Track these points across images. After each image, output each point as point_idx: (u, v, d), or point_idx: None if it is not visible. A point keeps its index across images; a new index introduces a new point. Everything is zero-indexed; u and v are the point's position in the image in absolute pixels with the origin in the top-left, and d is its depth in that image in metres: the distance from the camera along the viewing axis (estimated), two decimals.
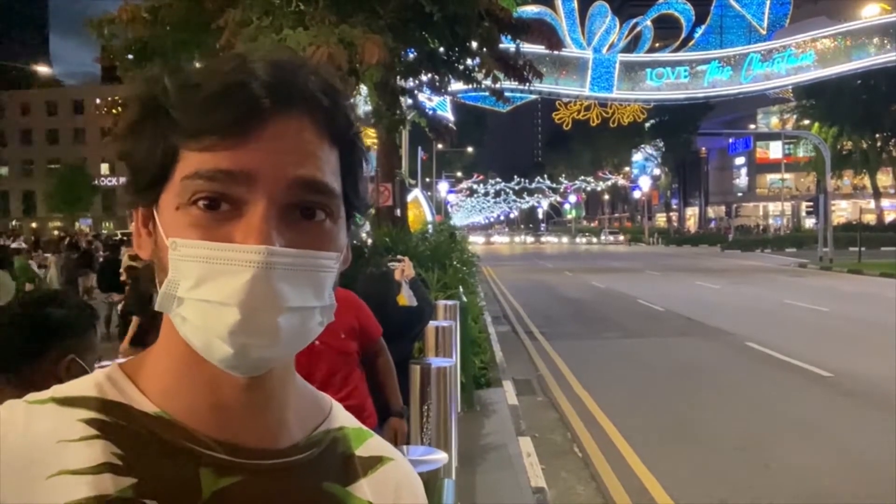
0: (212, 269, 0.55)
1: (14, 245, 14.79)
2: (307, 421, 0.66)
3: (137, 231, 0.62)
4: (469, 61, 9.71)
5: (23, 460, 0.54)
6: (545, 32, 10.74)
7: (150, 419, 0.59)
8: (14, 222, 64.53)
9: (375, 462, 0.68)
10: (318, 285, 0.58)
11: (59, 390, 0.60)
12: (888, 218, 49.16)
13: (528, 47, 11.81)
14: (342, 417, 0.70)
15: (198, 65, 0.61)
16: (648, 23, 32.95)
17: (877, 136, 44.42)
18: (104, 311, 9.44)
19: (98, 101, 67.45)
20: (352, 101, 0.63)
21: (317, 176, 0.58)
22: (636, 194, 76.64)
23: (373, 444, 0.70)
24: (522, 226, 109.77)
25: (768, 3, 30.04)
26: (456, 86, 11.44)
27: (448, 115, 22.25)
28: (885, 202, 50.44)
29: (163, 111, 0.57)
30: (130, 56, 10.37)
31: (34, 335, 1.45)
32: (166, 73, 0.58)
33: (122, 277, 9.29)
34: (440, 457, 1.83)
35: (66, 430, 0.56)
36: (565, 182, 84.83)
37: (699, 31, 31.57)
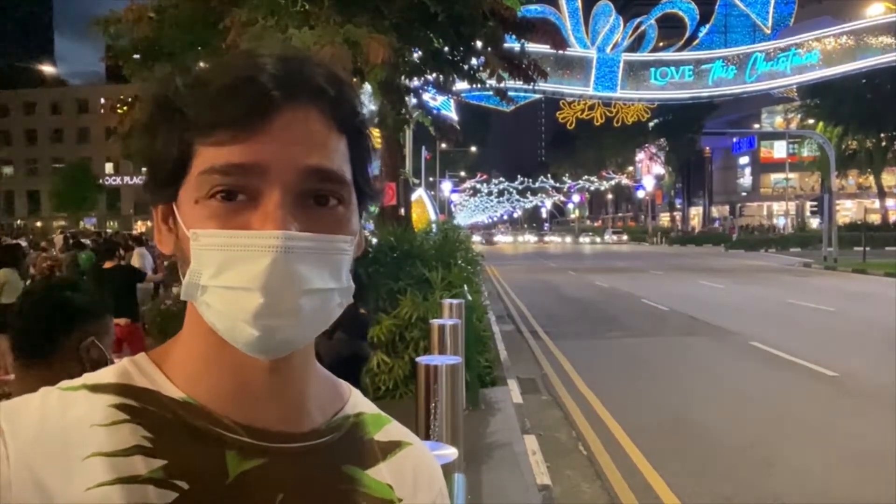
0: (232, 257, 0.57)
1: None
2: (327, 406, 0.68)
3: (158, 227, 0.64)
4: (473, 61, 9.71)
5: (60, 443, 0.57)
6: (549, 32, 10.74)
7: (177, 404, 0.61)
8: (19, 221, 64.73)
9: (394, 447, 0.70)
10: (335, 268, 0.60)
11: (90, 377, 0.62)
12: (893, 218, 49.00)
13: (532, 47, 11.81)
14: (361, 404, 0.72)
15: (202, 65, 0.63)
16: (652, 22, 32.91)
17: (882, 135, 44.30)
18: None
19: (103, 100, 67.57)
20: (357, 90, 0.65)
21: (326, 164, 0.60)
22: (640, 194, 76.56)
23: (391, 429, 0.72)
24: (526, 225, 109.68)
25: (773, 2, 29.94)
26: (460, 85, 11.43)
27: (452, 114, 22.25)
28: (889, 202, 50.30)
29: (176, 109, 0.59)
30: (136, 56, 10.39)
31: (59, 318, 1.51)
32: (177, 74, 0.61)
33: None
34: (450, 451, 1.84)
35: (98, 415, 0.59)
36: (569, 181, 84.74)
37: (703, 31, 31.50)
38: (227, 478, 0.59)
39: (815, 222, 45.80)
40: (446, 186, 49.81)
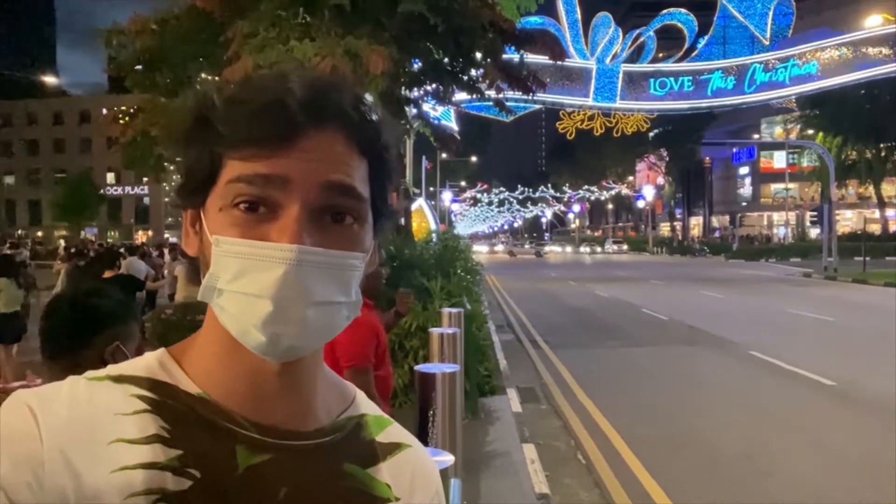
0: (249, 265, 0.61)
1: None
2: (332, 407, 0.72)
3: (185, 231, 0.69)
4: (473, 72, 9.78)
5: (88, 428, 0.61)
6: (549, 43, 10.80)
7: (194, 399, 0.65)
8: (20, 231, 64.80)
9: (394, 448, 0.74)
10: (345, 283, 0.64)
11: (113, 369, 0.66)
12: (893, 228, 49.02)
13: (532, 58, 11.89)
14: (364, 405, 0.76)
15: (204, 76, 0.67)
16: (651, 33, 33.03)
17: (881, 145, 44.38)
18: None
19: (105, 111, 67.78)
20: (382, 114, 0.68)
21: (346, 180, 0.64)
22: (640, 204, 76.64)
23: (392, 431, 0.76)
24: (526, 235, 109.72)
25: (771, 13, 30.10)
26: (460, 96, 11.50)
27: (452, 124, 22.34)
28: (889, 212, 50.32)
29: (210, 124, 0.64)
30: (138, 67, 10.47)
31: (85, 323, 1.57)
32: (214, 90, 0.65)
33: None
34: (447, 458, 1.88)
35: (122, 405, 0.63)
36: (569, 191, 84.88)
37: (702, 42, 31.62)
38: (236, 470, 0.63)
39: (815, 232, 45.89)
40: (446, 196, 49.90)
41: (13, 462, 0.57)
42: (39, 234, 65.69)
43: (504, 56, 10.00)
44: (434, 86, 10.10)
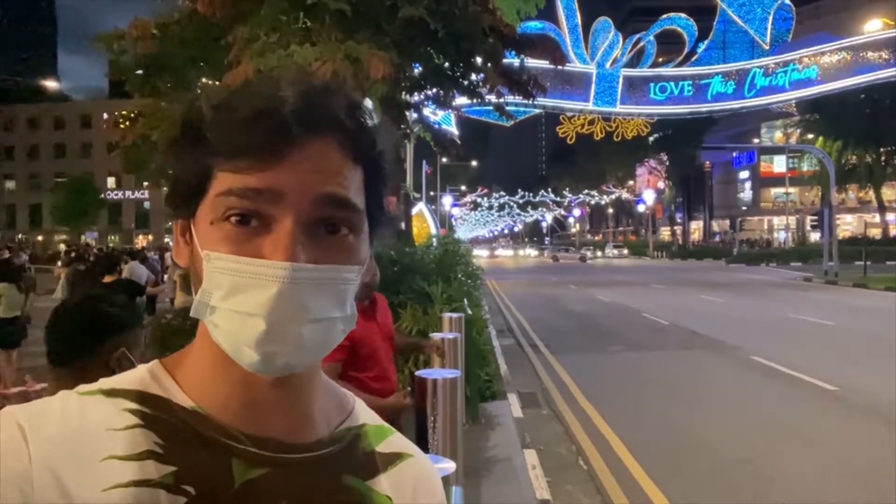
0: (242, 282, 0.59)
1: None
2: (331, 418, 0.70)
3: (176, 240, 0.67)
4: (473, 76, 9.78)
5: (79, 445, 0.59)
6: (549, 48, 10.82)
7: (187, 413, 0.63)
8: (20, 235, 64.85)
9: (395, 458, 0.72)
10: (340, 297, 0.62)
11: (105, 383, 0.64)
12: (893, 232, 49.03)
13: (532, 62, 11.92)
14: (364, 415, 0.74)
15: (204, 80, 0.65)
16: (651, 38, 33.08)
17: (881, 149, 44.47)
18: None
19: (105, 115, 67.92)
20: (375, 121, 0.67)
21: (340, 192, 0.62)
22: (640, 208, 76.72)
23: (393, 441, 0.74)
24: (527, 239, 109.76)
25: (771, 18, 30.15)
26: (460, 100, 11.50)
27: (453, 128, 22.35)
28: (890, 216, 50.36)
29: (200, 133, 0.61)
30: (139, 71, 10.48)
31: (92, 329, 1.57)
32: (203, 97, 0.63)
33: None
34: (448, 465, 1.86)
35: (114, 420, 0.61)
36: (569, 195, 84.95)
37: (702, 47, 31.66)
38: (232, 485, 0.61)
39: (815, 236, 45.90)
40: (447, 200, 49.93)
41: (0, 480, 0.55)
42: (40, 238, 65.74)
43: (504, 60, 10.02)
44: (434, 90, 10.11)
